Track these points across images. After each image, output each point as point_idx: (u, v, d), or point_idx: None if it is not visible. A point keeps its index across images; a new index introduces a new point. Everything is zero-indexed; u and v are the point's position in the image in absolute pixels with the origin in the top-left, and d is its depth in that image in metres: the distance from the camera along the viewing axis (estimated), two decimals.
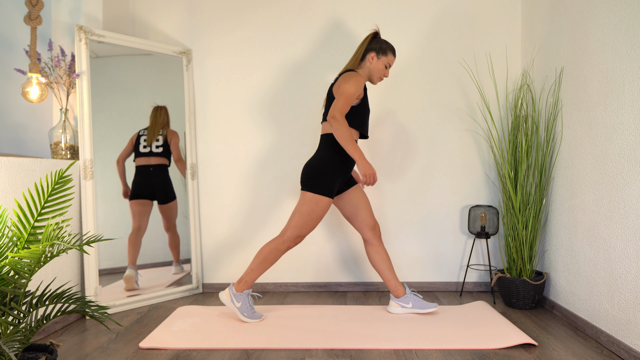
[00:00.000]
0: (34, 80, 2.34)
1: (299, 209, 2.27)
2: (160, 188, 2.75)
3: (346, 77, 2.24)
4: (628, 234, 1.89)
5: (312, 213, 2.25)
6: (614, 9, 2.00)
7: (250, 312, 2.32)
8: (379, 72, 2.36)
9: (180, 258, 2.90)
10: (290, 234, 2.28)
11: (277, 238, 2.30)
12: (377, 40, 2.37)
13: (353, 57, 2.39)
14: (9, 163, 1.97)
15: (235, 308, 2.32)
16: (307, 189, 2.27)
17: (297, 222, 2.27)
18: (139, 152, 2.68)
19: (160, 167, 2.76)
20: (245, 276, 2.33)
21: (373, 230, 2.42)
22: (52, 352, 1.57)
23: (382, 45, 2.35)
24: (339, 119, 2.16)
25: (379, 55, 2.34)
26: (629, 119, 1.89)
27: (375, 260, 2.44)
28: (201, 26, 2.97)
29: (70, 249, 1.91)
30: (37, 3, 2.35)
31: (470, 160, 2.95)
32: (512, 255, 2.62)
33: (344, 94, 2.18)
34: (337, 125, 2.16)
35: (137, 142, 2.68)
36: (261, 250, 2.32)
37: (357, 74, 2.25)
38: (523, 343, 2.01)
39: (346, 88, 2.19)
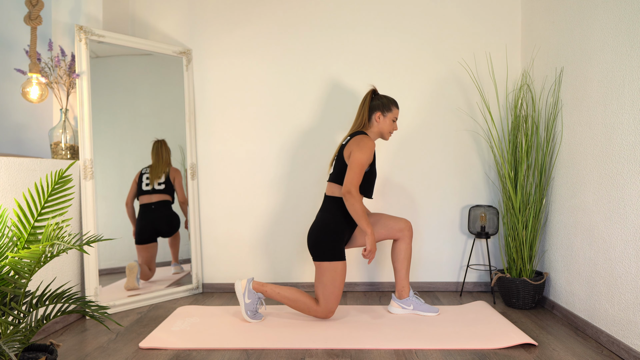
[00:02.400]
0: (34, 80, 2.34)
1: (320, 281, 2.28)
2: (163, 223, 2.78)
3: (359, 144, 2.24)
4: (628, 234, 1.90)
5: (334, 281, 2.26)
6: (614, 9, 2.00)
7: (254, 312, 2.33)
8: (388, 128, 2.38)
9: (180, 258, 2.90)
10: (324, 306, 2.28)
11: (317, 304, 2.30)
12: (378, 97, 2.38)
13: (358, 117, 2.40)
14: (9, 163, 1.97)
15: (243, 302, 2.32)
16: (320, 259, 2.27)
17: (323, 294, 2.27)
18: (141, 191, 2.70)
19: (163, 203, 2.76)
20: (269, 289, 2.33)
21: (405, 231, 2.41)
22: (52, 352, 1.57)
23: (384, 101, 2.36)
24: (354, 193, 2.19)
25: (385, 113, 2.36)
26: (629, 119, 1.89)
27: (398, 257, 2.43)
28: (201, 26, 2.97)
29: (70, 249, 1.91)
30: (37, 3, 2.35)
31: (470, 160, 2.95)
32: (512, 255, 2.62)
33: (357, 165, 2.20)
34: (352, 200, 2.19)
35: (139, 180, 2.69)
36: (301, 293, 2.32)
37: (368, 139, 2.27)
38: (523, 343, 2.01)
39: (359, 158, 2.21)
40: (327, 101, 2.95)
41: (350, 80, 2.95)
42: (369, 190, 2.36)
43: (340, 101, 2.95)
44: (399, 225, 2.42)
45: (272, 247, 2.99)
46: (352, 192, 2.19)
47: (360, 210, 2.20)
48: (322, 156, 2.95)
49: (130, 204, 2.67)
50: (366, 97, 2.39)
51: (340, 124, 2.95)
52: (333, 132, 2.95)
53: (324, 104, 2.95)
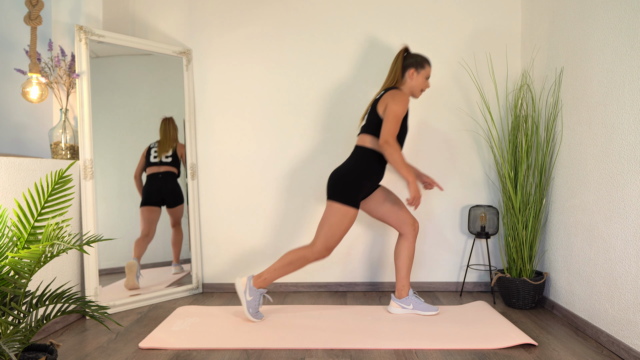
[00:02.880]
0: (34, 80, 2.34)
1: (327, 220, 2.28)
2: (169, 193, 2.84)
3: (394, 97, 2.27)
4: (628, 234, 1.90)
5: (340, 225, 2.26)
6: (614, 9, 2.00)
7: (255, 310, 2.33)
8: (421, 85, 2.41)
9: (180, 258, 2.90)
10: (320, 245, 2.28)
11: (307, 247, 2.30)
12: (411, 55, 2.41)
13: (390, 74, 2.42)
14: (9, 163, 1.97)
15: (244, 300, 2.32)
16: (334, 199, 2.27)
17: (326, 234, 2.27)
18: (149, 163, 2.79)
19: (169, 173, 2.84)
20: (266, 274, 2.32)
21: (412, 226, 2.43)
22: (52, 352, 1.57)
23: (418, 59, 2.39)
24: (392, 143, 2.21)
25: (418, 70, 2.38)
26: (629, 119, 1.89)
27: (400, 255, 2.44)
28: (201, 26, 2.98)
29: (70, 249, 1.91)
30: (37, 3, 2.35)
31: (470, 160, 2.95)
32: (512, 255, 2.62)
33: (393, 115, 2.23)
34: (391, 150, 2.21)
35: (147, 154, 2.79)
36: (289, 253, 2.31)
37: (403, 93, 2.30)
38: (523, 343, 2.01)
39: (395, 109, 2.23)
40: (327, 101, 2.95)
41: (350, 81, 2.95)
42: (400, 144, 2.38)
43: (340, 101, 2.95)
44: (409, 220, 2.42)
45: (273, 246, 2.99)
46: (389, 142, 2.21)
47: (399, 158, 2.21)
48: (322, 156, 2.95)
49: (139, 177, 2.74)
50: (399, 55, 2.41)
51: (341, 123, 2.95)
52: (333, 132, 2.95)
53: (324, 104, 2.95)
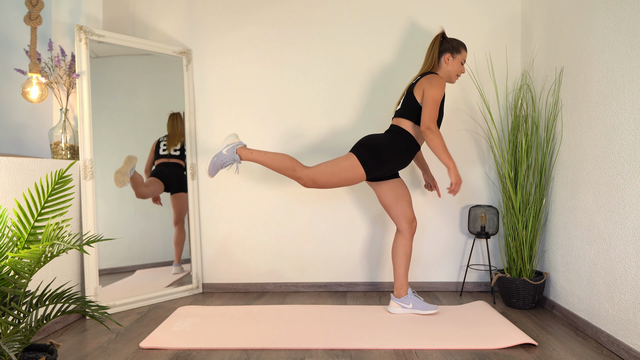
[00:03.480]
0: (34, 80, 2.34)
1: (335, 160, 2.28)
2: (175, 178, 2.90)
3: (431, 81, 2.27)
4: (628, 234, 1.90)
5: (342, 172, 2.26)
6: (613, 9, 2.00)
7: (216, 166, 2.33)
8: (457, 70, 2.41)
9: (181, 258, 2.90)
10: (311, 172, 2.26)
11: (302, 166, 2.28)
12: (447, 40, 2.41)
13: (427, 59, 2.42)
14: (9, 163, 1.97)
15: (219, 151, 2.32)
16: (356, 153, 2.28)
17: (324, 168, 2.27)
18: (158, 155, 2.86)
19: (177, 165, 2.92)
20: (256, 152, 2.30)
21: (410, 224, 2.43)
22: (52, 352, 1.57)
23: (454, 44, 2.39)
24: (434, 129, 2.21)
25: (454, 55, 2.39)
26: (629, 119, 1.89)
27: (398, 252, 2.44)
28: (201, 26, 2.97)
29: (70, 249, 1.91)
30: (37, 3, 2.35)
31: (470, 160, 2.95)
32: (512, 255, 2.62)
33: (432, 100, 2.23)
34: (432, 135, 2.21)
35: (157, 147, 2.85)
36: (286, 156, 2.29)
37: (440, 77, 2.30)
38: (523, 343, 2.01)
39: (433, 94, 2.23)
40: (327, 101, 2.95)
41: (350, 80, 2.95)
42: None
43: (341, 102, 2.95)
44: (409, 216, 2.42)
45: (273, 247, 2.99)
46: (431, 128, 2.21)
47: (441, 144, 2.21)
48: (323, 156, 2.95)
49: (149, 170, 2.82)
50: (435, 40, 2.41)
51: (341, 123, 2.95)
52: (333, 132, 2.95)
53: (324, 103, 2.96)
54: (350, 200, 2.97)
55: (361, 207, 2.96)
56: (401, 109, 2.37)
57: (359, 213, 2.97)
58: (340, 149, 2.94)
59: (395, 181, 2.45)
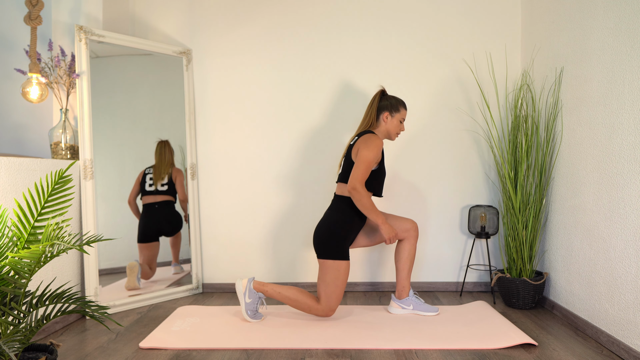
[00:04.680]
0: (34, 80, 2.34)
1: (323, 279, 2.28)
2: (166, 222, 2.82)
3: (366, 142, 2.26)
4: (628, 234, 1.90)
5: (336, 280, 2.27)
6: (614, 9, 2.00)
7: (254, 312, 2.33)
8: (396, 129, 2.40)
9: (180, 258, 2.90)
10: (324, 305, 2.29)
11: (317, 302, 2.30)
12: (386, 97, 2.40)
13: (365, 117, 2.41)
14: (9, 163, 1.97)
15: (243, 302, 2.32)
16: (324, 257, 2.28)
17: (326, 292, 2.28)
18: (145, 191, 2.75)
19: (166, 203, 2.81)
20: (270, 288, 2.33)
21: (413, 230, 2.42)
22: (52, 352, 1.57)
23: (392, 101, 2.38)
24: (360, 190, 2.20)
25: (393, 113, 2.37)
26: (629, 119, 1.89)
27: (402, 255, 2.44)
28: (201, 26, 2.97)
29: (70, 249, 1.91)
30: (37, 3, 2.35)
31: (470, 160, 2.95)
32: (512, 255, 2.62)
33: (364, 162, 2.22)
34: (359, 196, 2.21)
35: (142, 180, 2.74)
36: (301, 292, 2.32)
37: (376, 137, 2.28)
38: (523, 343, 2.01)
39: (366, 155, 2.22)
40: (327, 101, 2.95)
41: (350, 80, 2.94)
42: (379, 189, 2.38)
43: (341, 101, 2.95)
44: (406, 225, 2.42)
45: (273, 246, 2.99)
46: (357, 188, 2.20)
47: (368, 204, 2.21)
48: (323, 155, 2.95)
49: (133, 202, 2.71)
50: (375, 97, 2.40)
51: (341, 123, 2.95)
52: (333, 131, 2.95)
53: (324, 103, 2.95)
54: None
55: None
56: (342, 173, 2.37)
57: None
58: (341, 147, 2.94)
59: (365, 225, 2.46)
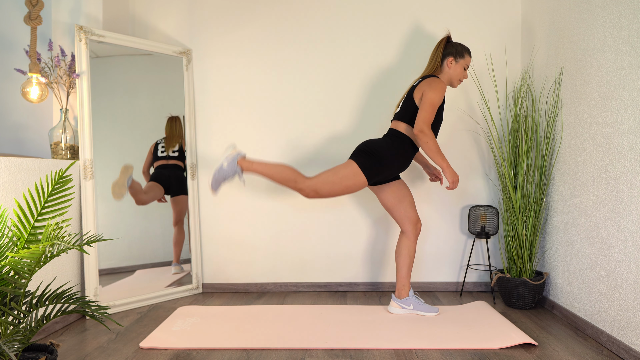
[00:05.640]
0: (34, 80, 2.34)
1: (336, 169, 2.27)
2: (175, 181, 2.90)
3: (430, 84, 2.25)
4: (628, 234, 1.90)
5: (344, 180, 2.25)
6: (614, 9, 2.00)
7: (217, 181, 2.30)
8: (459, 75, 2.39)
9: (180, 258, 2.90)
10: (313, 183, 2.25)
11: (303, 176, 2.26)
12: (452, 44, 2.40)
13: (430, 62, 2.41)
14: (9, 163, 1.97)
15: (219, 165, 2.30)
16: (356, 159, 2.27)
17: (325, 178, 2.25)
18: (157, 157, 2.85)
19: (177, 166, 2.91)
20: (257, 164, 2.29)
21: (414, 225, 2.42)
22: (52, 352, 1.57)
23: (458, 48, 2.38)
24: (427, 132, 2.20)
25: (457, 59, 2.37)
26: (629, 119, 1.89)
27: (401, 253, 2.44)
28: (201, 26, 2.98)
29: (70, 249, 1.91)
30: (37, 3, 2.35)
31: (470, 160, 2.95)
32: (512, 255, 2.62)
33: (430, 104, 2.21)
34: (426, 138, 2.20)
35: (155, 149, 2.84)
36: (287, 167, 2.28)
37: (440, 81, 2.28)
38: (523, 343, 2.01)
39: (431, 97, 2.21)
40: (326, 101, 2.95)
41: (350, 80, 2.95)
42: (435, 133, 2.37)
43: (341, 101, 2.95)
44: (413, 218, 2.41)
45: (273, 246, 2.99)
46: (424, 131, 2.19)
47: (434, 146, 2.20)
48: (323, 155, 2.95)
49: (147, 172, 2.81)
50: (440, 43, 2.40)
51: (341, 122, 2.95)
52: (333, 131, 2.95)
53: (324, 104, 2.95)
54: (350, 200, 2.97)
55: (362, 207, 2.97)
56: (400, 112, 2.36)
57: (360, 213, 2.97)
58: (340, 147, 2.94)
59: (396, 183, 2.44)
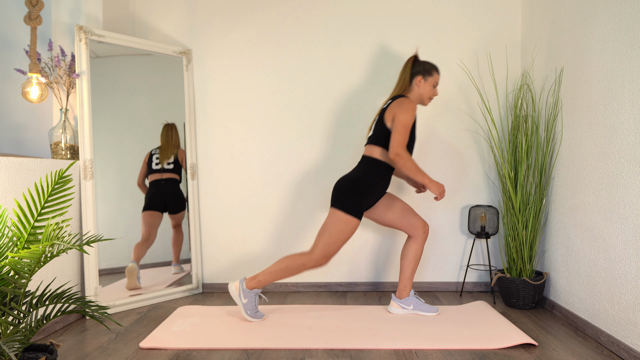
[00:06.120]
0: (34, 80, 2.34)
1: (328, 228, 2.26)
2: (172, 198, 2.85)
3: (401, 105, 2.25)
4: (628, 234, 1.90)
5: (341, 233, 2.25)
6: (614, 9, 2.00)
7: (253, 311, 2.32)
8: (429, 93, 2.39)
9: (180, 258, 2.90)
10: (319, 253, 2.26)
11: (305, 254, 2.27)
12: (419, 62, 2.40)
13: (399, 82, 2.42)
14: (9, 163, 1.97)
15: (240, 303, 2.31)
16: (338, 207, 2.26)
17: (325, 241, 2.25)
18: (151, 170, 2.79)
19: (172, 180, 2.85)
20: (261, 276, 2.30)
21: (423, 229, 2.42)
22: (52, 352, 1.57)
23: (426, 66, 2.38)
24: (403, 154, 2.20)
25: (426, 77, 2.37)
26: (629, 119, 1.89)
27: (407, 255, 2.43)
28: (201, 26, 2.98)
29: (70, 249, 1.91)
30: (37, 3, 2.35)
31: (470, 160, 2.95)
32: (512, 255, 2.62)
33: (403, 125, 2.21)
34: (403, 161, 2.20)
35: (149, 161, 2.78)
36: (286, 258, 2.29)
37: (410, 101, 2.28)
38: (523, 343, 2.01)
39: (403, 119, 2.22)
40: (326, 101, 2.95)
41: (350, 80, 2.95)
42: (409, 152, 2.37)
43: (341, 101, 2.95)
44: (418, 223, 2.41)
45: (273, 246, 2.99)
46: (400, 154, 2.20)
47: (413, 167, 2.20)
48: (323, 155, 2.95)
49: (142, 184, 2.76)
50: (408, 62, 2.41)
51: (342, 122, 2.95)
52: (333, 130, 2.95)
53: (324, 103, 2.96)
54: None
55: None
56: (373, 135, 2.36)
57: None
58: (341, 147, 2.94)
59: (384, 200, 2.45)
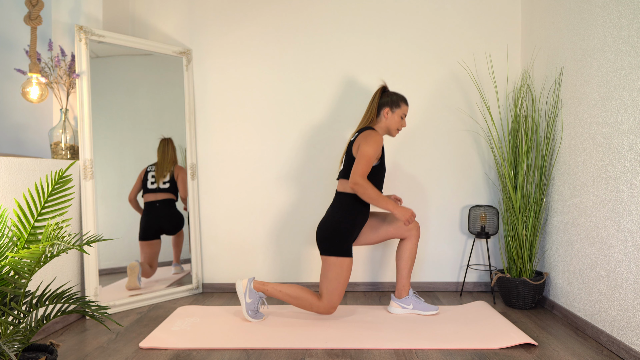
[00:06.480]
0: (34, 80, 2.34)
1: (325, 276, 2.28)
2: (168, 221, 2.82)
3: (366, 138, 2.25)
4: (628, 234, 1.90)
5: (338, 277, 2.26)
6: (614, 9, 2.00)
7: (254, 311, 2.33)
8: (396, 124, 2.39)
9: (180, 258, 2.90)
10: (326, 302, 2.29)
11: (318, 298, 2.30)
12: (387, 93, 2.40)
13: (367, 113, 2.41)
14: (9, 163, 1.97)
15: (244, 302, 2.32)
16: (327, 254, 2.27)
17: (327, 289, 2.28)
18: (146, 189, 2.74)
19: (167, 201, 2.81)
20: (271, 288, 2.32)
21: (415, 230, 2.42)
22: (52, 352, 1.57)
23: (393, 98, 2.38)
24: (361, 182, 2.19)
25: (393, 109, 2.37)
26: (629, 119, 1.89)
27: (403, 255, 2.44)
28: (201, 26, 2.97)
29: (70, 249, 1.91)
30: (37, 3, 2.35)
31: (470, 160, 2.95)
32: (512, 255, 2.62)
33: (364, 156, 2.21)
34: (362, 189, 2.19)
35: (144, 178, 2.73)
36: (302, 290, 2.32)
37: (375, 133, 2.28)
38: (523, 343, 2.01)
39: (366, 150, 2.21)
40: (327, 100, 2.95)
41: (350, 80, 2.95)
42: (379, 186, 2.37)
43: (341, 100, 2.95)
44: (407, 228, 2.42)
45: (273, 246, 2.99)
46: (359, 182, 2.19)
47: (374, 194, 2.19)
48: (323, 154, 2.95)
49: (134, 200, 2.70)
50: (376, 94, 2.41)
51: (341, 121, 2.95)
52: (333, 130, 2.95)
53: (324, 102, 2.96)
54: None
55: None
56: (343, 170, 2.36)
57: None
58: (340, 147, 2.94)
59: (368, 222, 2.46)
